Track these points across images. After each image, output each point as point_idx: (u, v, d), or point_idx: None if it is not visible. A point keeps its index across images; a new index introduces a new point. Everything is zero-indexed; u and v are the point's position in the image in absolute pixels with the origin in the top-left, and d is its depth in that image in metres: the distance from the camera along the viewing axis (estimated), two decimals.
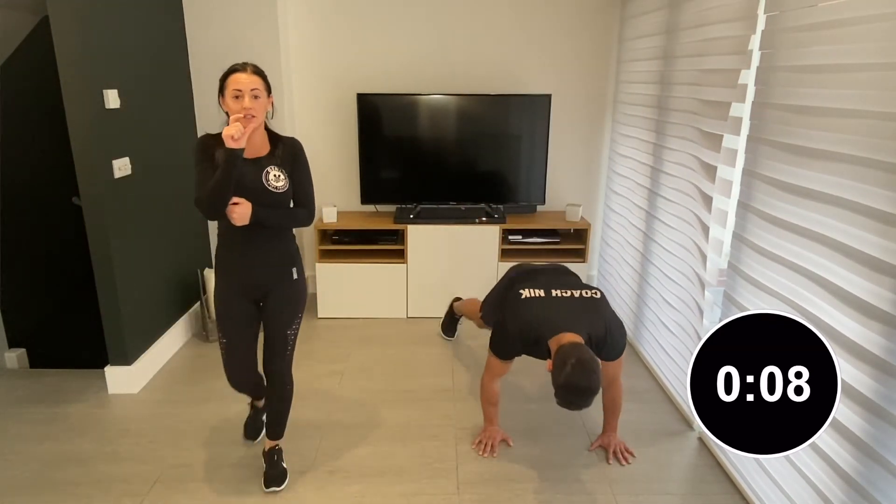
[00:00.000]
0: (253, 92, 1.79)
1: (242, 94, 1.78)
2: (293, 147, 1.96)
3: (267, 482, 2.10)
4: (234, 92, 1.79)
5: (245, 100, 1.78)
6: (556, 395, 1.88)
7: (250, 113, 1.78)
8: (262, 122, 1.87)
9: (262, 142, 1.92)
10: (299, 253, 2.08)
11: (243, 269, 1.96)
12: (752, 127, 2.06)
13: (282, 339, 2.02)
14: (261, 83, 1.83)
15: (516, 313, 2.19)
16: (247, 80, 1.79)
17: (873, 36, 1.51)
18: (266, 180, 1.88)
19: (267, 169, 1.90)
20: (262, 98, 1.82)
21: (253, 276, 1.97)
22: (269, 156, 1.92)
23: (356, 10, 3.55)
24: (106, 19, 2.55)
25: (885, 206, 1.45)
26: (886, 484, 1.44)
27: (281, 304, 2.01)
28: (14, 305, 3.16)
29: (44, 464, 2.25)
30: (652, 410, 2.65)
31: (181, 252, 3.29)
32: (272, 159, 1.92)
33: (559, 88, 3.67)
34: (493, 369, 2.32)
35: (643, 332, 3.14)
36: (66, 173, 2.62)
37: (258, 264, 1.96)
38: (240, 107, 1.78)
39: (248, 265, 1.95)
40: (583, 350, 1.89)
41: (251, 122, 1.78)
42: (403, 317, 3.65)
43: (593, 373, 1.82)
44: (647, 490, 2.14)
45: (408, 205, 3.72)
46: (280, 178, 1.91)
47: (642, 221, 3.11)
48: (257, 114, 1.80)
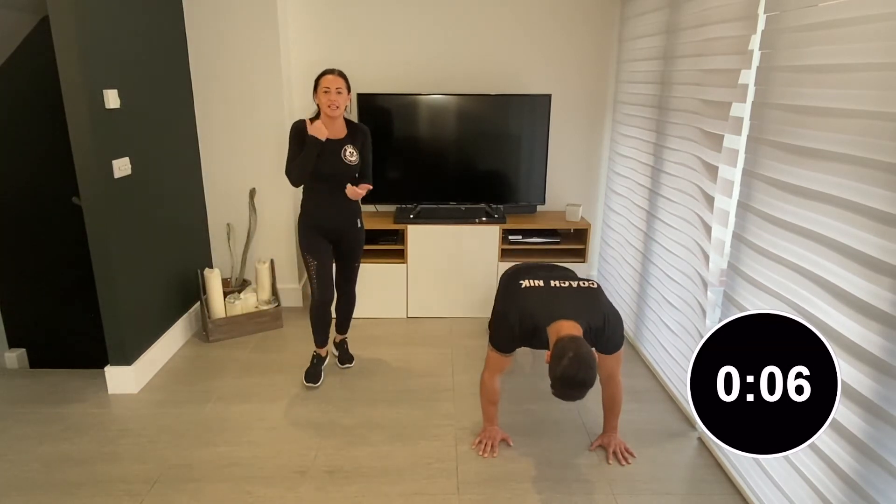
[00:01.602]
0: (337, 89, 2.46)
1: (330, 90, 2.45)
2: (364, 133, 2.65)
3: (341, 361, 3.02)
4: (325, 88, 2.45)
5: (332, 94, 2.45)
6: (552, 387, 1.92)
7: (335, 104, 2.45)
8: (343, 112, 2.53)
9: (341, 127, 2.59)
10: (361, 209, 2.77)
11: (327, 217, 2.66)
12: (753, 127, 2.06)
13: (353, 268, 2.87)
14: (343, 83, 2.48)
15: (515, 302, 2.20)
16: (333, 80, 2.46)
17: (873, 36, 1.51)
18: (343, 155, 2.56)
19: (345, 147, 2.57)
20: (343, 94, 2.48)
21: (333, 222, 2.67)
22: (346, 137, 2.59)
23: (356, 10, 3.55)
24: (106, 19, 2.55)
25: (885, 206, 1.45)
26: (885, 484, 1.44)
27: (351, 244, 2.78)
28: (14, 305, 3.16)
29: (44, 464, 2.25)
30: (652, 410, 2.65)
31: (181, 252, 3.29)
32: (348, 140, 2.59)
33: (559, 88, 3.67)
34: (493, 365, 2.31)
35: (644, 331, 3.13)
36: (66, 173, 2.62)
37: (337, 215, 2.67)
38: (328, 99, 2.45)
39: (330, 215, 2.66)
40: (580, 344, 1.92)
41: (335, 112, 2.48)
42: (403, 317, 3.65)
43: (589, 367, 1.86)
44: (647, 490, 2.14)
45: (408, 205, 3.72)
46: (353, 154, 2.59)
47: (643, 221, 3.11)
48: (340, 104, 2.48)
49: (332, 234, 2.70)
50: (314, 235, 2.67)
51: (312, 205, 2.65)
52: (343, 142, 2.57)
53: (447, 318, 3.64)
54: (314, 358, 2.91)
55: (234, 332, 3.34)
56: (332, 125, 2.54)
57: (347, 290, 2.92)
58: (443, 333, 3.43)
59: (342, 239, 2.74)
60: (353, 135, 2.61)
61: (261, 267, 3.43)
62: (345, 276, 2.87)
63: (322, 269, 2.69)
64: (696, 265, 2.46)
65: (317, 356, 2.91)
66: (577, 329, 2.02)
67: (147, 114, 2.90)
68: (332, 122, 2.53)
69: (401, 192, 3.68)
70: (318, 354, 2.91)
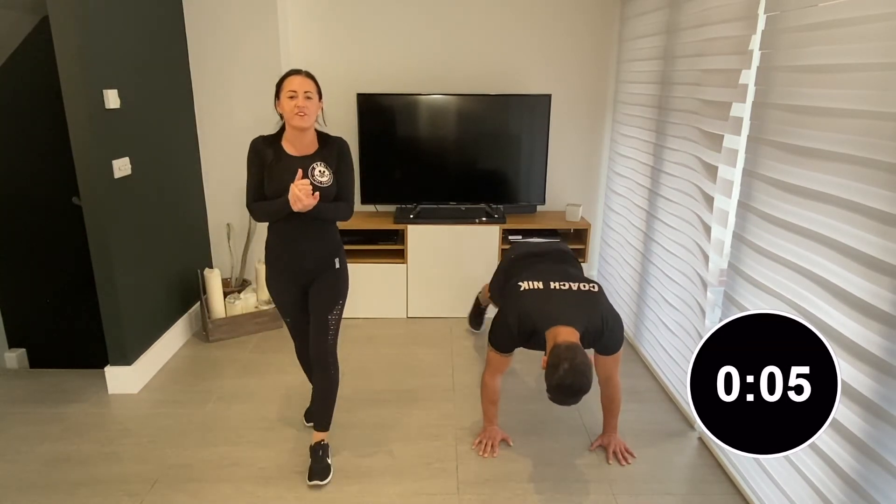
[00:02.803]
0: (306, 93, 1.94)
1: (297, 95, 1.93)
2: (340, 146, 2.10)
3: (311, 475, 2.15)
4: (290, 92, 1.94)
5: (299, 99, 1.93)
6: (548, 392, 1.95)
7: (303, 111, 1.93)
8: (314, 122, 2.01)
9: (311, 140, 2.06)
10: (342, 245, 2.20)
11: (293, 257, 2.10)
12: (753, 127, 2.06)
13: (323, 322, 2.13)
14: (313, 86, 1.98)
15: (515, 304, 2.21)
16: (301, 82, 1.95)
17: (873, 36, 1.51)
18: (311, 175, 2.01)
19: (313, 165, 2.03)
20: (314, 99, 1.97)
21: (301, 263, 2.11)
22: (315, 154, 2.06)
23: (356, 10, 3.55)
24: (106, 19, 2.55)
25: (885, 206, 1.45)
26: (886, 484, 1.44)
27: (322, 289, 2.14)
28: (14, 305, 3.16)
29: (44, 464, 2.25)
30: (652, 410, 2.65)
31: (181, 252, 3.29)
32: (319, 156, 2.06)
33: (559, 88, 3.67)
34: (494, 365, 2.32)
35: (643, 331, 3.13)
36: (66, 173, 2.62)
37: (305, 254, 2.10)
38: (293, 105, 1.93)
39: (297, 253, 2.09)
40: (576, 352, 1.92)
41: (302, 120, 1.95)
42: (403, 317, 3.65)
43: (585, 377, 1.88)
44: (647, 490, 2.14)
45: (408, 205, 3.72)
46: (325, 173, 2.04)
47: (643, 221, 3.11)
48: (309, 113, 1.95)
49: (302, 276, 2.13)
50: (280, 282, 2.14)
51: (277, 240, 2.11)
52: (311, 159, 2.04)
53: (447, 318, 3.64)
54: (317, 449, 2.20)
55: (234, 332, 3.34)
56: (301, 139, 2.02)
57: (321, 359, 2.14)
58: (443, 333, 3.43)
59: (313, 284, 2.15)
60: (325, 150, 2.08)
61: (261, 267, 3.43)
62: (316, 333, 2.13)
63: (296, 327, 2.22)
64: (696, 265, 2.46)
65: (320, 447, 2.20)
66: (574, 335, 2.02)
67: (147, 114, 2.90)
68: (300, 136, 2.01)
69: (401, 192, 3.68)
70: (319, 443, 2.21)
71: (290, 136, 2.03)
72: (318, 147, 2.08)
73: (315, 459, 2.18)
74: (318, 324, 2.14)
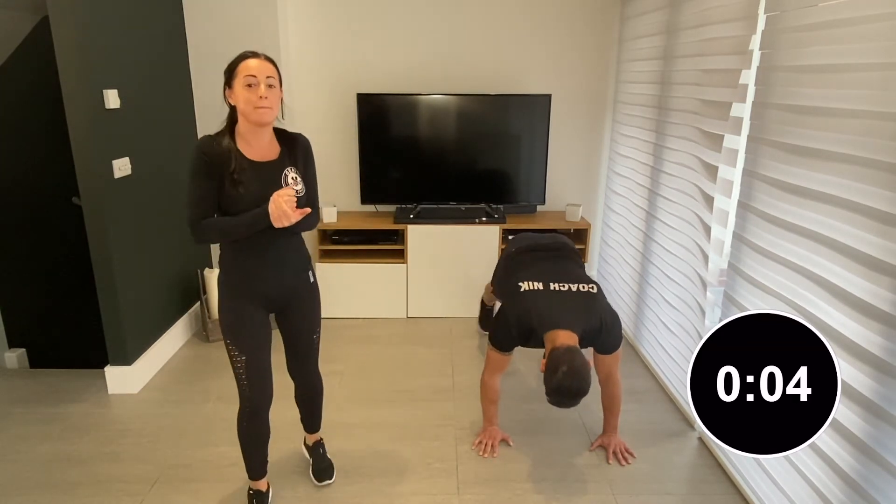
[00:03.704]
0: (268, 80, 1.60)
1: (257, 82, 1.58)
2: (304, 147, 1.79)
3: (318, 476, 2.14)
4: (247, 79, 1.58)
5: (260, 87, 1.57)
6: (548, 396, 1.97)
7: (265, 105, 1.59)
8: (275, 117, 1.67)
9: (271, 141, 1.71)
10: (309, 256, 1.95)
11: (265, 278, 1.77)
12: (753, 127, 2.06)
13: (310, 343, 1.97)
14: (275, 72, 1.64)
15: (515, 304, 2.22)
16: (260, 67, 1.59)
17: (873, 36, 1.51)
18: (286, 185, 1.70)
19: (285, 172, 1.71)
20: (276, 88, 1.63)
21: (273, 282, 1.79)
22: (283, 157, 1.73)
23: (356, 10, 3.55)
24: (106, 19, 2.55)
25: (885, 206, 1.45)
26: (886, 484, 1.44)
27: (305, 310, 1.91)
28: (14, 305, 3.16)
29: (44, 464, 2.25)
30: (652, 410, 2.65)
31: (181, 252, 3.29)
32: (288, 160, 1.74)
33: (559, 88, 3.67)
34: (493, 364, 2.32)
35: (643, 331, 3.13)
36: (66, 173, 2.62)
37: (281, 272, 1.79)
38: (255, 96, 1.58)
39: (270, 274, 1.77)
40: (574, 355, 1.93)
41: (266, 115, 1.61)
42: (403, 317, 3.65)
43: (583, 379, 1.90)
44: (647, 490, 2.14)
45: (408, 205, 3.72)
46: (298, 181, 1.74)
47: (642, 221, 3.11)
48: (273, 106, 1.61)
49: (272, 300, 1.82)
50: (243, 308, 1.77)
51: (239, 260, 1.74)
52: (280, 163, 1.71)
53: (447, 318, 3.64)
54: (251, 498, 2.00)
55: None
56: (259, 138, 1.67)
57: (309, 376, 2.03)
58: (443, 333, 3.43)
59: (290, 305, 1.87)
60: (290, 151, 1.75)
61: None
62: (301, 354, 1.97)
63: (253, 365, 1.80)
64: (696, 265, 2.46)
65: (255, 495, 2.00)
66: (572, 339, 2.02)
67: (147, 114, 2.90)
68: (258, 134, 1.66)
69: (401, 192, 3.68)
70: (258, 491, 2.00)
71: (247, 135, 1.66)
72: (283, 148, 1.74)
73: (317, 459, 2.18)
74: (306, 345, 1.96)
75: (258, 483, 2.02)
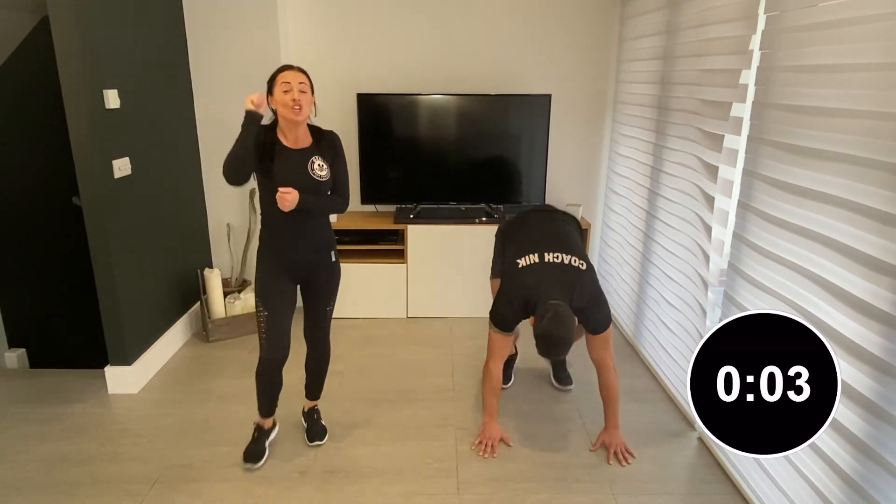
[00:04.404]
0: (300, 86, 1.99)
1: (291, 88, 1.97)
2: (333, 141, 2.15)
3: (311, 437, 2.39)
4: (284, 86, 1.98)
5: (294, 92, 1.97)
6: (537, 346, 2.11)
7: (298, 104, 1.97)
8: (307, 117, 2.04)
9: (305, 134, 2.10)
10: (335, 238, 2.27)
11: (291, 252, 2.13)
12: (753, 127, 2.06)
13: (324, 313, 2.28)
14: (306, 80, 2.02)
15: (514, 279, 2.30)
16: (295, 76, 2.00)
17: (873, 36, 1.51)
18: (311, 169, 2.06)
19: (312, 159, 2.07)
20: (307, 93, 2.01)
21: (299, 258, 2.15)
22: (312, 147, 2.10)
23: (356, 11, 3.55)
24: (106, 19, 2.55)
25: (885, 206, 1.45)
26: (886, 484, 1.44)
27: (322, 284, 2.24)
28: (14, 305, 3.16)
29: (44, 464, 2.25)
30: (652, 410, 2.65)
31: (181, 252, 3.29)
32: (316, 150, 2.10)
33: (559, 88, 3.67)
34: (495, 347, 2.35)
35: (643, 331, 3.14)
36: (66, 173, 2.62)
37: (304, 248, 2.15)
38: (289, 99, 1.96)
39: (296, 249, 2.14)
40: (560, 306, 2.09)
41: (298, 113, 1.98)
42: (403, 317, 3.65)
43: (567, 326, 2.05)
44: (647, 490, 2.14)
45: (408, 205, 3.72)
46: (323, 167, 2.08)
47: (642, 221, 3.11)
48: (304, 106, 1.98)
49: (297, 271, 2.18)
50: (273, 275, 2.15)
51: (273, 235, 2.13)
52: (309, 152, 2.08)
53: (447, 318, 3.64)
54: (255, 431, 2.33)
55: (234, 332, 3.34)
56: (295, 131, 2.05)
57: (319, 342, 2.33)
58: (443, 333, 3.43)
59: (311, 277, 2.21)
60: (320, 144, 2.12)
61: None
62: (315, 322, 2.29)
63: (273, 321, 2.13)
64: (696, 265, 2.46)
65: (258, 429, 2.33)
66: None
67: (147, 114, 2.90)
68: (294, 129, 2.04)
69: (401, 192, 3.68)
70: (261, 427, 2.33)
71: (284, 129, 2.06)
72: (314, 141, 2.12)
73: (311, 422, 2.43)
74: (319, 314, 2.28)
75: (265, 420, 2.34)
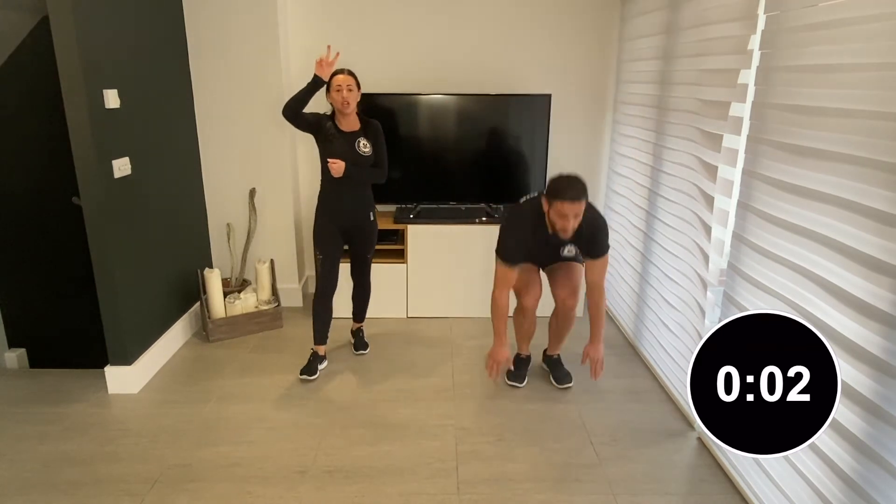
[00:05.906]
0: (348, 87, 2.64)
1: (342, 89, 2.62)
2: (376, 127, 2.80)
3: (357, 347, 3.18)
4: (336, 86, 2.63)
5: (343, 92, 2.62)
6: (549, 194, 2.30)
7: (347, 101, 2.63)
8: (355, 107, 2.70)
9: (354, 121, 2.75)
10: (374, 202, 2.92)
11: (340, 209, 2.81)
12: (752, 127, 2.06)
13: (365, 260, 3.02)
14: (353, 81, 2.67)
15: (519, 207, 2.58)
16: (344, 79, 2.64)
17: (873, 36, 1.51)
18: (357, 147, 2.72)
19: (358, 139, 2.73)
20: (354, 91, 2.67)
21: (347, 214, 2.83)
22: (360, 131, 2.76)
23: (356, 10, 3.55)
24: (106, 19, 2.55)
25: (885, 206, 1.45)
26: (885, 484, 1.44)
27: (363, 237, 2.93)
28: (14, 305, 3.16)
29: (44, 464, 2.25)
30: (652, 410, 2.65)
31: (181, 252, 3.29)
32: (361, 133, 2.75)
33: (559, 88, 3.67)
34: (501, 279, 2.55)
35: (643, 331, 3.13)
36: (66, 173, 2.62)
37: (351, 207, 2.83)
38: (340, 98, 2.63)
39: (344, 207, 2.81)
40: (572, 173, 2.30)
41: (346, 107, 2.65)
42: (403, 317, 3.65)
43: (576, 179, 2.27)
44: (647, 490, 2.14)
45: (408, 205, 3.72)
46: (367, 146, 2.74)
47: (642, 221, 3.11)
48: (351, 101, 2.65)
49: (345, 226, 2.84)
50: (326, 226, 2.82)
51: (327, 194, 2.81)
52: (357, 134, 2.74)
53: (447, 318, 3.64)
54: (311, 355, 2.95)
55: (234, 332, 3.34)
56: (346, 120, 2.73)
57: (361, 282, 3.09)
58: (443, 333, 3.43)
59: (355, 232, 2.89)
60: (365, 128, 2.77)
61: (261, 267, 3.43)
62: (358, 265, 3.03)
63: (326, 262, 2.82)
64: (696, 265, 2.46)
65: (314, 354, 2.95)
66: None
67: (147, 114, 2.90)
68: (345, 118, 2.71)
69: (401, 191, 3.68)
70: (316, 353, 2.95)
71: (338, 116, 2.72)
72: (361, 126, 2.77)
73: (358, 338, 3.19)
74: (363, 260, 3.01)
75: (319, 347, 2.97)
